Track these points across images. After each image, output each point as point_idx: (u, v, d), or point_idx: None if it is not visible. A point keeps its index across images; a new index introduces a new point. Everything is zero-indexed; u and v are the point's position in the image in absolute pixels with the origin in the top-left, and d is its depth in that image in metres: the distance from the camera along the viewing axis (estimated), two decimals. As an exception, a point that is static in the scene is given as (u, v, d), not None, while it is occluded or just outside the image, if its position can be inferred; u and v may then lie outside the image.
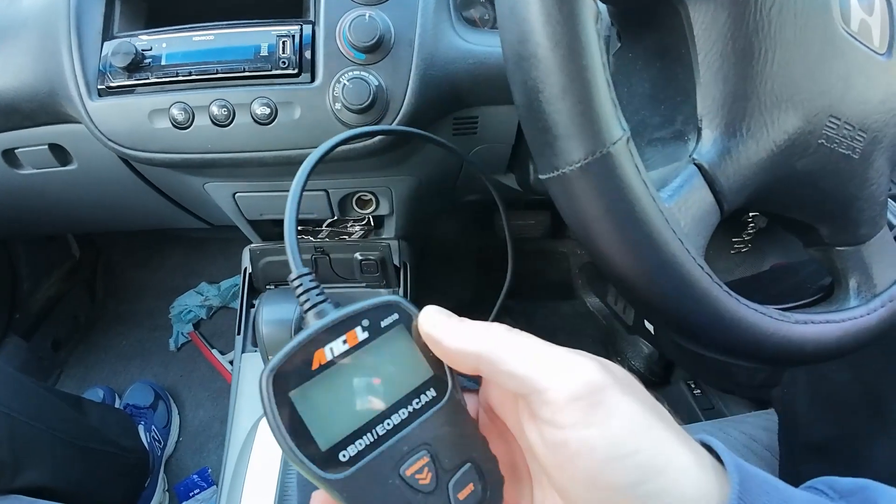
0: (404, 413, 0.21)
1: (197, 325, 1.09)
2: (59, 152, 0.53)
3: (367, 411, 0.21)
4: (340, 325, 0.21)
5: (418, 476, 0.21)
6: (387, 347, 0.22)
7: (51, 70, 0.45)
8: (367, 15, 0.41)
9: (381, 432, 0.21)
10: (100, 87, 0.44)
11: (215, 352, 1.04)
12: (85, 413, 0.78)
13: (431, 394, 0.22)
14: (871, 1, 0.29)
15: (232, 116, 0.43)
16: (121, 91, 0.44)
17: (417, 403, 0.22)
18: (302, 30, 0.43)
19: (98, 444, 0.74)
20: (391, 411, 0.21)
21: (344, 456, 0.20)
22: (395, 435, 0.21)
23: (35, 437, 0.62)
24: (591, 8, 0.21)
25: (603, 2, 0.29)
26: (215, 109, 0.43)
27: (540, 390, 0.19)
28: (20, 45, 0.46)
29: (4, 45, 0.47)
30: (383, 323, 0.22)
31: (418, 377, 0.22)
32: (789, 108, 0.26)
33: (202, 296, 1.09)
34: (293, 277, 0.23)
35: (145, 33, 0.45)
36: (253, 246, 0.66)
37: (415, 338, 0.22)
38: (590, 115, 0.22)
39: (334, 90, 0.42)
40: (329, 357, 0.21)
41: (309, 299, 0.22)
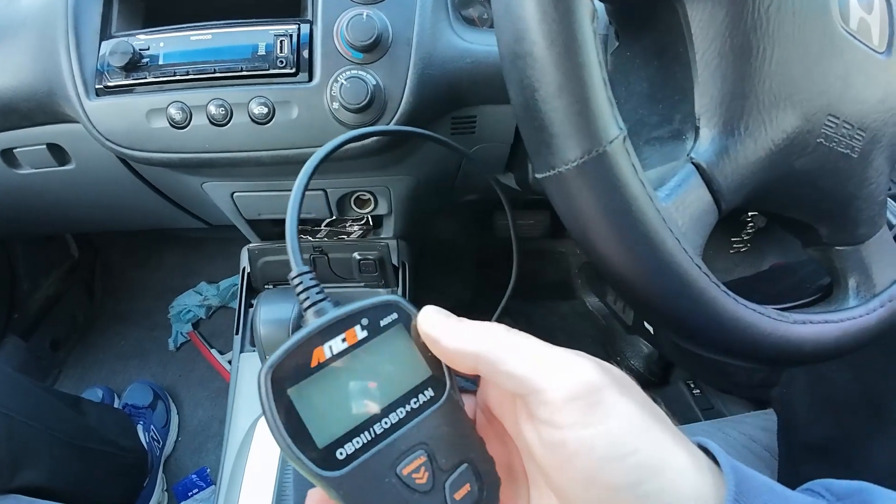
0: (402, 412, 0.21)
1: (196, 325, 1.09)
2: (58, 152, 0.53)
3: (364, 410, 0.21)
4: (340, 323, 0.21)
5: (415, 475, 0.21)
6: (385, 347, 0.22)
7: (49, 70, 0.45)
8: (365, 14, 0.41)
9: (379, 431, 0.21)
10: (97, 86, 0.44)
11: (214, 351, 1.04)
12: (83, 413, 0.78)
13: (429, 393, 0.22)
14: (870, -1, 0.29)
15: (229, 116, 0.43)
16: (118, 90, 0.44)
17: (415, 403, 0.22)
18: (300, 29, 0.43)
19: (96, 443, 0.73)
20: (389, 410, 0.21)
21: (341, 454, 0.20)
22: (393, 434, 0.21)
23: (33, 437, 0.62)
24: (587, 6, 0.21)
25: (600, 0, 0.29)
26: (213, 109, 0.43)
27: (538, 390, 0.19)
28: (18, 44, 0.46)
29: (3, 44, 0.47)
30: (382, 322, 0.22)
31: (416, 377, 0.22)
32: (788, 106, 0.26)
33: (201, 295, 1.09)
34: (293, 275, 0.23)
35: (143, 33, 0.44)
36: (251, 246, 0.66)
37: (413, 337, 0.22)
38: (586, 114, 0.21)
39: (332, 89, 0.42)
40: (328, 355, 0.21)
41: (309, 297, 0.23)
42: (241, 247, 0.68)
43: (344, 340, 0.21)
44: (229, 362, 1.02)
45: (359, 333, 0.21)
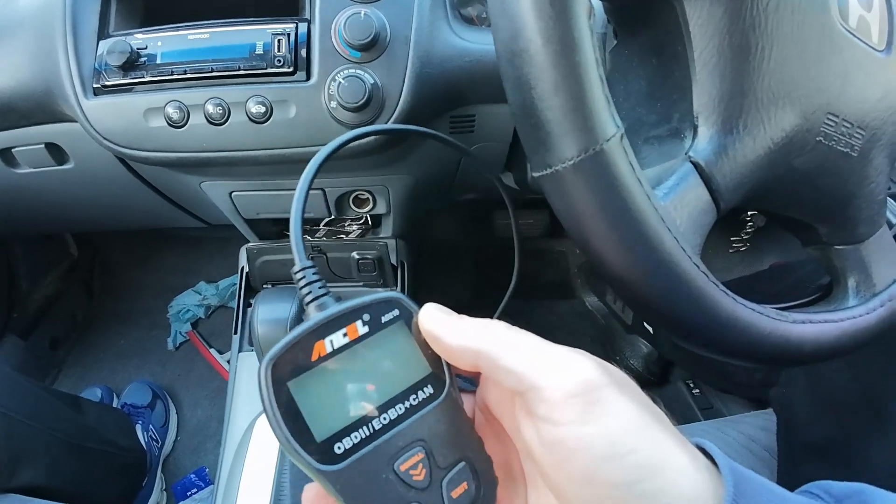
0: (401, 409, 0.21)
1: (195, 325, 1.09)
2: (56, 151, 0.53)
3: (363, 405, 0.21)
4: (341, 318, 0.21)
5: (412, 472, 0.21)
6: (386, 343, 0.22)
7: (47, 69, 0.45)
8: (363, 13, 0.41)
9: (377, 426, 0.21)
10: (95, 85, 0.44)
11: (213, 351, 1.04)
12: (82, 412, 0.78)
13: (429, 391, 0.22)
14: (869, -3, 0.29)
15: (227, 115, 0.43)
16: (116, 90, 0.44)
17: (414, 400, 0.22)
18: (297, 28, 0.43)
19: (95, 443, 0.73)
20: (388, 406, 0.21)
21: (339, 448, 0.20)
22: (391, 430, 0.21)
23: (32, 437, 0.62)
24: (584, 3, 0.21)
25: (599, -2, 0.29)
26: (210, 108, 0.43)
27: (537, 387, 0.19)
28: (17, 44, 0.46)
29: (1, 44, 0.47)
30: (384, 318, 0.22)
31: (416, 374, 0.22)
32: (787, 104, 0.26)
33: (200, 295, 1.09)
34: (296, 269, 0.23)
35: (141, 32, 0.44)
36: (250, 245, 0.66)
37: (414, 334, 0.22)
38: (583, 112, 0.21)
39: (330, 88, 0.42)
40: (329, 349, 0.21)
41: (311, 292, 0.23)
42: (240, 246, 0.68)
43: (345, 335, 0.21)
44: (228, 362, 1.02)
45: (360, 329, 0.21)
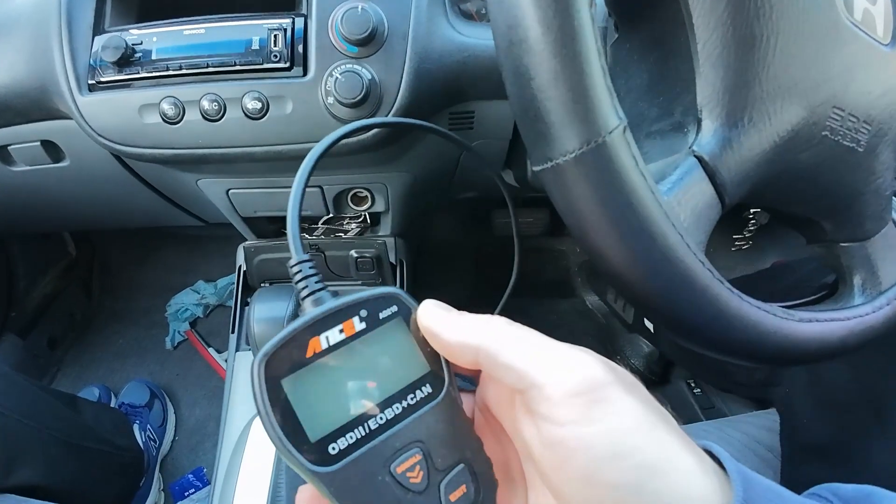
0: (398, 408, 0.21)
1: (193, 324, 1.08)
2: (52, 149, 0.52)
3: (359, 404, 0.20)
4: (338, 313, 0.21)
5: (409, 474, 0.20)
6: (384, 339, 0.21)
7: (42, 66, 0.45)
8: (360, 7, 0.41)
9: (373, 427, 0.20)
10: (90, 82, 0.44)
11: (212, 350, 1.04)
12: (79, 411, 0.78)
13: (427, 390, 0.21)
14: (875, -11, 0.28)
15: (223, 111, 0.43)
16: (111, 86, 0.44)
17: (412, 399, 0.21)
18: (294, 23, 0.42)
19: (92, 442, 0.73)
20: (385, 406, 0.20)
21: (333, 449, 0.19)
22: (388, 430, 0.20)
23: (28, 436, 0.62)
24: (586, -8, 0.21)
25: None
26: (206, 104, 0.42)
27: (538, 385, 0.18)
28: (12, 41, 0.46)
29: (-3, 41, 0.46)
30: (382, 314, 0.21)
31: (414, 372, 0.21)
32: (792, 97, 0.25)
33: (199, 294, 1.09)
34: (293, 263, 0.22)
35: (136, 27, 0.44)
36: (247, 243, 0.66)
37: (413, 332, 0.22)
38: (584, 103, 0.21)
39: (326, 84, 0.41)
40: (324, 345, 0.20)
41: (307, 286, 0.22)
42: (238, 245, 0.68)
43: (342, 331, 0.20)
44: (227, 361, 1.02)
45: (357, 325, 0.21)
